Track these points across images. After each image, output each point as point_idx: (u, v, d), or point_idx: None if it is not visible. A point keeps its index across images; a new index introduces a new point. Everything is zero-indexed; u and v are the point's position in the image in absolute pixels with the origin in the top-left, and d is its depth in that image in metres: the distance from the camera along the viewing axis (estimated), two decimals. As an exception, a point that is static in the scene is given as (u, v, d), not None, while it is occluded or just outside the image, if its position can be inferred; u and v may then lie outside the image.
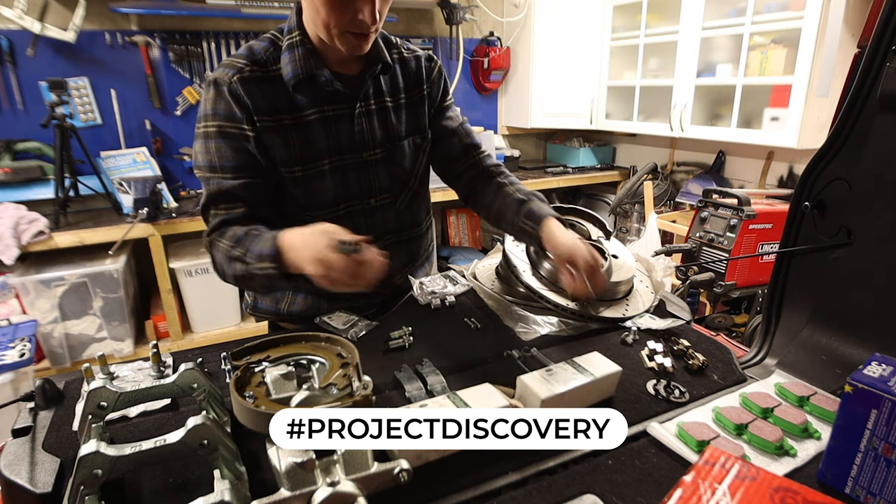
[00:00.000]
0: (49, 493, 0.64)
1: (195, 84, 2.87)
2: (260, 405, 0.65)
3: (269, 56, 1.06)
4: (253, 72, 1.03)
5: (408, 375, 0.89)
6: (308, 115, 1.07)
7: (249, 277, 0.96)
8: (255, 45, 1.07)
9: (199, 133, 1.05)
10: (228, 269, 1.00)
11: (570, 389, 0.76)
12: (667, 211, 3.16)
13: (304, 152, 1.07)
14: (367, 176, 1.15)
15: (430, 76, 1.22)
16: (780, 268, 1.02)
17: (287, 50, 1.05)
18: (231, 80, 1.01)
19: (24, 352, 1.32)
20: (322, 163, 1.09)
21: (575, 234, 1.07)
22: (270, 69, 1.05)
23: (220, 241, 1.01)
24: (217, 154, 1.03)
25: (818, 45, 2.27)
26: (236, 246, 0.98)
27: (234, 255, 0.97)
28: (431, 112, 1.24)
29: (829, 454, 0.66)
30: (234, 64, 1.03)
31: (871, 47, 0.83)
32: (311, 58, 1.04)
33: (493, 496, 0.65)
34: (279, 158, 1.06)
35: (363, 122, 1.12)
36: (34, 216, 2.22)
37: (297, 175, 1.08)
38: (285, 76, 1.04)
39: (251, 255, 0.94)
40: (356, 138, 1.12)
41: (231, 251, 0.98)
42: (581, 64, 3.49)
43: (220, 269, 1.04)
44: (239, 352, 0.81)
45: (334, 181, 1.11)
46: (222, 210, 1.04)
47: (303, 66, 1.03)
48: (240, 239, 0.98)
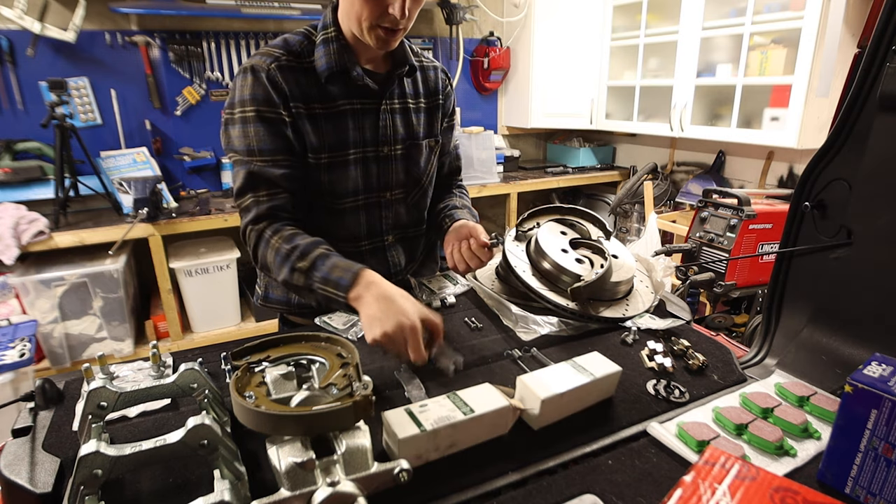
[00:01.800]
0: (49, 493, 0.64)
1: (195, 84, 2.87)
2: (260, 405, 0.65)
3: (304, 49, 1.10)
4: (289, 61, 1.08)
5: (408, 375, 0.89)
6: (339, 106, 1.12)
7: (306, 290, 1.00)
8: (290, 37, 1.12)
9: (236, 118, 1.07)
10: (281, 273, 1.02)
11: (570, 389, 0.76)
12: (667, 211, 3.16)
13: (332, 140, 1.11)
14: (386, 170, 1.20)
15: (444, 89, 1.30)
16: (780, 268, 1.02)
17: (322, 44, 1.10)
18: (269, 67, 1.05)
19: (24, 352, 1.32)
20: (348, 152, 1.14)
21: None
22: (304, 61, 1.10)
23: (272, 238, 1.04)
24: (256, 138, 1.05)
25: (818, 45, 2.27)
26: (296, 255, 1.00)
27: (298, 266, 1.00)
28: (442, 124, 1.31)
29: (829, 454, 0.66)
30: (272, 53, 1.07)
31: (871, 47, 0.83)
32: (345, 53, 1.10)
33: (493, 496, 0.65)
34: (309, 144, 1.10)
35: (387, 118, 1.17)
36: (34, 216, 2.22)
37: (324, 162, 1.12)
38: (319, 68, 1.09)
39: (318, 273, 0.97)
40: (380, 133, 1.17)
41: (291, 258, 1.00)
42: (581, 64, 3.49)
43: (267, 264, 1.05)
44: (239, 352, 0.81)
45: (357, 171, 1.16)
46: (264, 195, 1.06)
47: (337, 59, 1.09)
48: (302, 249, 1.00)
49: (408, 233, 1.29)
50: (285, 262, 1.01)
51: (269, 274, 1.06)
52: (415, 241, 1.32)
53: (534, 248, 1.16)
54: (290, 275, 1.01)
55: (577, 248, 1.19)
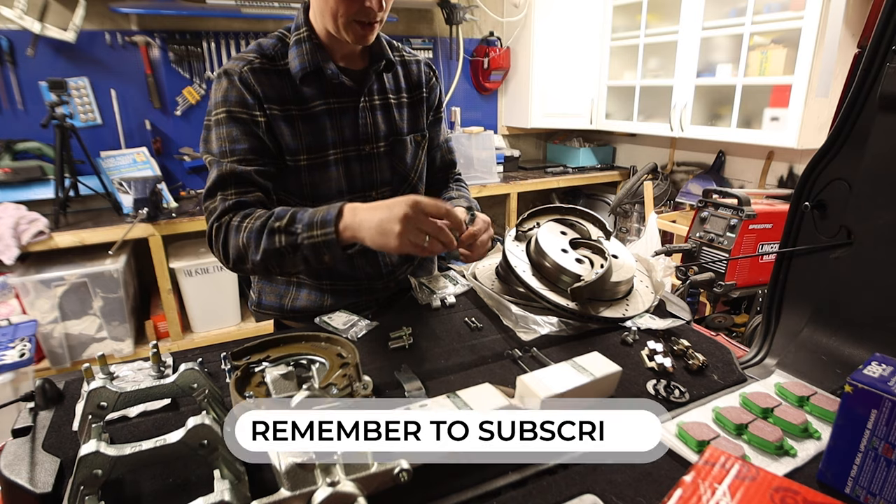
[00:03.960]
0: (49, 493, 0.64)
1: (195, 84, 2.87)
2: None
3: (277, 52, 1.10)
4: (262, 63, 1.07)
5: (408, 375, 0.89)
6: (314, 107, 1.10)
7: (290, 249, 0.94)
8: (264, 41, 1.12)
9: (210, 123, 1.07)
10: (260, 245, 0.96)
11: (570, 389, 0.76)
12: (667, 211, 3.16)
13: (310, 142, 1.10)
14: (370, 168, 1.18)
15: (429, 82, 1.27)
16: (780, 268, 1.02)
17: (294, 45, 1.09)
18: (242, 70, 1.05)
19: (24, 352, 1.32)
20: (327, 153, 1.13)
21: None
22: (279, 63, 1.09)
23: (242, 222, 0.98)
24: (228, 138, 1.04)
25: (818, 45, 2.27)
26: (272, 219, 0.96)
27: (274, 226, 0.95)
28: (428, 117, 1.29)
29: (829, 454, 0.66)
30: (244, 57, 1.08)
31: (871, 47, 0.83)
32: (318, 52, 1.09)
33: (493, 496, 0.65)
34: (286, 147, 1.09)
35: (367, 115, 1.16)
36: (34, 216, 2.22)
37: (303, 164, 1.11)
38: (293, 69, 1.08)
39: (300, 224, 0.93)
40: (360, 131, 1.15)
41: (267, 225, 0.95)
42: (581, 64, 3.49)
43: (239, 248, 0.99)
44: (239, 352, 0.81)
45: (338, 172, 1.15)
46: (232, 194, 1.02)
47: (310, 59, 1.08)
48: (277, 213, 0.96)
49: None
50: (262, 232, 0.96)
51: (244, 263, 1.00)
52: None
53: (534, 248, 1.16)
54: (269, 240, 0.95)
55: (577, 248, 1.19)
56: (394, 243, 0.85)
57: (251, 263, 0.99)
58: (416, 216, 0.84)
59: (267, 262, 0.98)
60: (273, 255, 0.96)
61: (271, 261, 0.98)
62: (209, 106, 1.08)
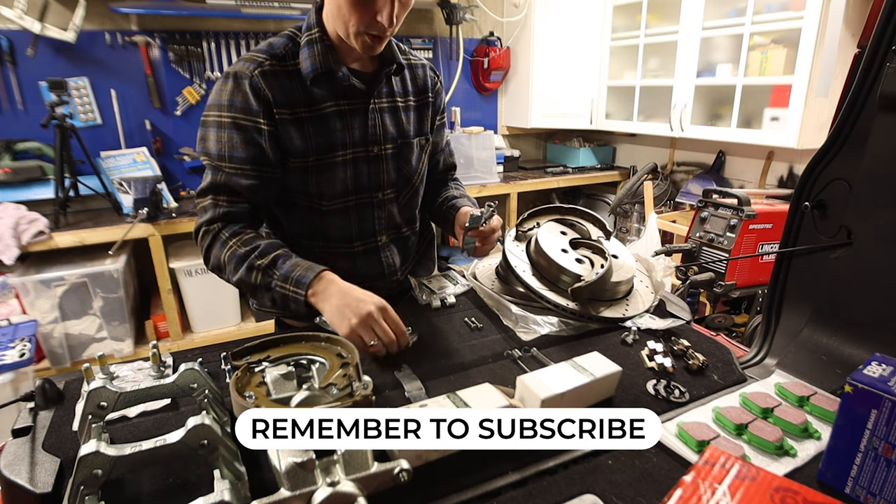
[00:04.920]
0: (49, 493, 0.64)
1: (195, 84, 2.87)
2: (260, 405, 0.65)
3: (288, 51, 1.09)
4: (273, 66, 1.07)
5: (408, 375, 0.89)
6: (324, 108, 1.10)
7: (263, 288, 1.01)
8: (275, 41, 1.11)
9: (212, 121, 1.07)
10: (237, 272, 1.03)
11: (570, 389, 0.76)
12: (667, 211, 3.16)
13: (319, 143, 1.10)
14: (377, 169, 1.19)
15: (434, 87, 1.28)
16: (780, 268, 1.02)
17: (306, 46, 1.09)
18: (252, 74, 1.04)
19: (24, 352, 1.32)
20: (336, 154, 1.13)
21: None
22: (289, 64, 1.09)
23: (230, 239, 1.04)
24: (228, 144, 1.05)
25: (818, 45, 2.27)
26: (255, 253, 1.02)
27: (255, 263, 1.01)
28: (434, 122, 1.30)
29: (829, 454, 0.66)
30: (255, 58, 1.06)
31: (871, 47, 0.83)
32: (330, 53, 1.08)
33: (493, 496, 0.65)
34: (294, 149, 1.09)
35: (376, 117, 1.16)
36: (34, 216, 2.22)
37: (311, 164, 1.11)
38: (304, 70, 1.08)
39: (278, 272, 1.00)
40: (369, 132, 1.15)
41: (250, 257, 1.02)
42: (581, 64, 3.49)
43: (220, 264, 1.05)
44: (239, 352, 0.81)
45: (346, 173, 1.15)
46: (224, 200, 1.07)
47: (321, 60, 1.07)
48: (262, 249, 1.02)
49: (401, 233, 1.28)
50: (243, 261, 1.01)
51: (221, 274, 1.07)
52: (408, 241, 1.31)
53: (534, 248, 1.16)
54: (247, 273, 1.01)
55: (577, 248, 1.19)
56: (344, 331, 0.93)
57: (227, 277, 1.06)
58: (377, 319, 0.93)
59: (240, 286, 1.06)
60: (247, 286, 1.04)
61: (244, 287, 1.06)
62: (209, 102, 1.07)
